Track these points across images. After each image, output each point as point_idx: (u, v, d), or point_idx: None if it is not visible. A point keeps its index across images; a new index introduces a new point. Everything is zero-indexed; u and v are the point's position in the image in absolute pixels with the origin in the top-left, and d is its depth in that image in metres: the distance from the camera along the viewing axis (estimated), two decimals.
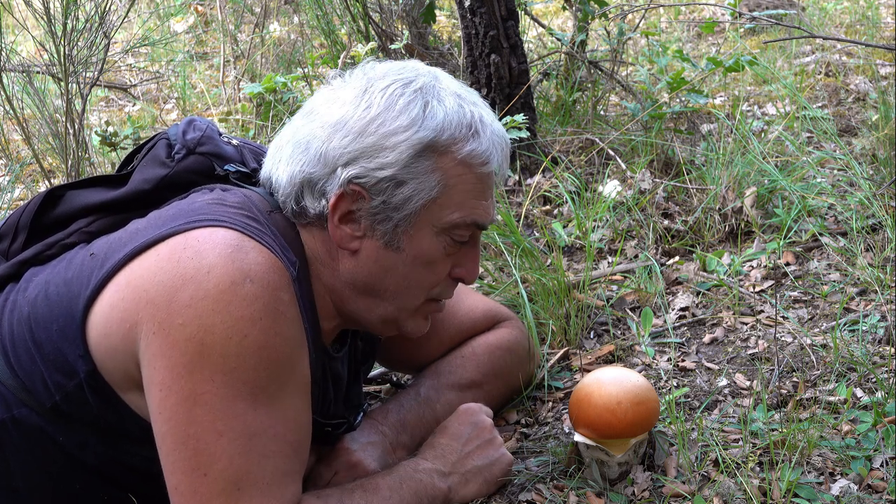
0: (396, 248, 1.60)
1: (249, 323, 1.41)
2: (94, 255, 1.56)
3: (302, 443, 1.53)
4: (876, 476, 1.77)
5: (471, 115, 1.63)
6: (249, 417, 1.43)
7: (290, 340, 1.47)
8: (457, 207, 1.61)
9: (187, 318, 1.40)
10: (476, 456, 1.78)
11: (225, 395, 1.41)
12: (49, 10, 3.25)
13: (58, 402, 1.52)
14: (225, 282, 1.41)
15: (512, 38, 3.25)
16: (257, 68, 4.82)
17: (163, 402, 1.43)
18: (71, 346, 1.50)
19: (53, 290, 1.55)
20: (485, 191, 1.64)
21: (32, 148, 3.48)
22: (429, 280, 1.65)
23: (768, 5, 5.09)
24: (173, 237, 1.47)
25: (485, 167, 1.62)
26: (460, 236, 1.63)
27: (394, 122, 1.57)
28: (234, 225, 1.48)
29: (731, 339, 2.33)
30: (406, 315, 1.68)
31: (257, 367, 1.42)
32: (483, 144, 1.61)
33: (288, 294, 1.47)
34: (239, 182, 1.71)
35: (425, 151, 1.57)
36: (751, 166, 2.87)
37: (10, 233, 1.71)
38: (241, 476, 1.42)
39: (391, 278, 1.62)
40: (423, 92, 1.61)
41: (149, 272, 1.45)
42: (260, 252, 1.45)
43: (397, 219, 1.59)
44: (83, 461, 1.58)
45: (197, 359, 1.40)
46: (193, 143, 1.71)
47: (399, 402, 1.91)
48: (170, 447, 1.44)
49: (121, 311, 1.46)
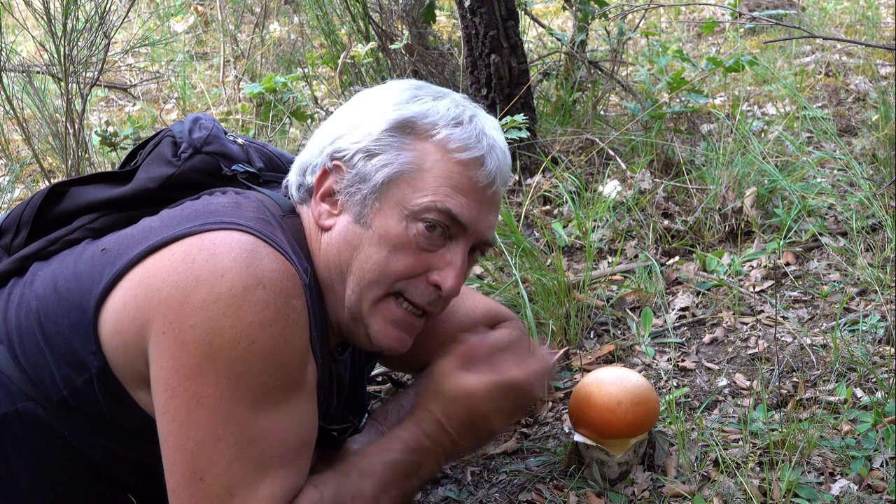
0: (365, 223, 1.58)
1: (259, 329, 1.40)
2: (105, 250, 1.55)
3: (305, 448, 1.51)
4: (876, 476, 1.77)
5: (462, 113, 1.62)
6: (250, 423, 1.42)
7: (298, 348, 1.46)
8: (430, 192, 1.57)
9: (198, 320, 1.40)
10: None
11: (228, 399, 1.41)
12: (49, 10, 3.25)
13: (65, 396, 1.52)
14: (238, 286, 1.40)
15: (512, 38, 3.25)
16: (257, 68, 4.83)
17: (167, 402, 1.43)
18: (82, 341, 1.50)
19: (63, 284, 1.54)
20: (467, 187, 1.59)
21: (32, 148, 3.48)
22: (393, 267, 1.58)
23: (768, 5, 5.09)
24: (189, 238, 1.47)
25: (463, 154, 1.58)
26: (433, 221, 1.57)
27: (380, 104, 1.62)
28: (251, 229, 1.48)
29: (731, 339, 2.33)
30: (368, 307, 1.60)
31: (263, 373, 1.42)
32: (466, 134, 1.60)
33: (300, 301, 1.46)
34: (247, 182, 1.71)
35: (402, 129, 1.59)
36: (751, 166, 2.87)
37: (13, 228, 1.71)
38: (237, 482, 1.42)
39: (357, 257, 1.58)
40: (422, 88, 1.64)
41: (163, 271, 1.45)
42: (275, 258, 1.45)
43: (366, 191, 1.58)
44: (87, 458, 1.58)
45: (203, 361, 1.40)
46: (200, 142, 1.71)
47: (399, 402, 1.90)
48: (171, 448, 1.44)
49: (133, 309, 1.46)
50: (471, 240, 1.63)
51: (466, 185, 1.59)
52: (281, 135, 3.69)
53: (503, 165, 1.64)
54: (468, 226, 1.60)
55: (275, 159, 1.83)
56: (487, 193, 1.62)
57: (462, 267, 1.62)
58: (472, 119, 1.63)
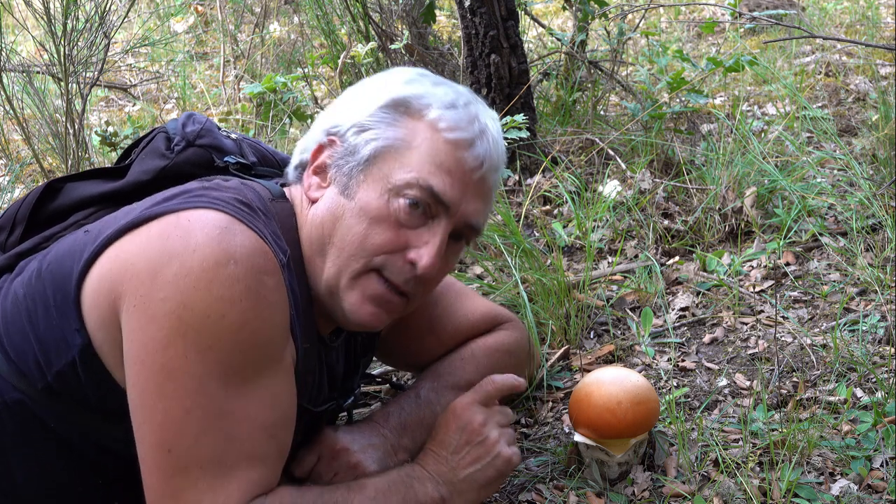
0: (349, 195, 1.59)
1: (229, 304, 1.41)
2: (88, 231, 1.57)
3: (279, 427, 1.51)
4: (876, 476, 1.77)
5: (458, 98, 1.64)
6: (220, 398, 1.42)
7: (270, 325, 1.46)
8: (415, 168, 1.58)
9: (168, 293, 1.40)
10: (468, 465, 1.70)
11: (197, 373, 1.41)
12: (49, 10, 3.25)
13: (49, 382, 1.52)
14: (209, 261, 1.41)
15: (512, 38, 3.25)
16: (257, 68, 4.83)
17: (137, 375, 1.43)
18: (67, 320, 1.50)
19: (46, 268, 1.55)
20: (453, 167, 1.59)
21: (32, 148, 3.48)
22: (372, 240, 1.57)
23: (768, 5, 5.09)
24: (166, 216, 1.48)
25: (452, 134, 1.59)
26: (414, 198, 1.56)
27: (380, 85, 1.66)
28: (226, 209, 1.48)
29: (731, 339, 2.33)
30: (347, 281, 1.59)
31: (233, 348, 1.42)
32: (458, 116, 1.61)
33: (273, 279, 1.46)
34: (238, 173, 1.71)
35: (396, 107, 1.61)
36: (751, 166, 2.87)
37: (9, 225, 1.72)
38: (205, 456, 1.42)
39: (338, 229, 1.59)
40: (425, 75, 1.68)
41: (138, 247, 1.46)
42: (247, 236, 1.45)
43: (353, 163, 1.60)
44: (76, 448, 1.58)
45: (173, 334, 1.40)
46: (193, 135, 1.72)
47: (399, 405, 1.90)
48: (140, 420, 1.45)
49: (108, 283, 1.46)
50: (453, 221, 1.62)
51: (452, 164, 1.60)
52: (281, 135, 3.69)
53: (494, 153, 1.65)
54: (450, 205, 1.59)
55: (268, 156, 1.83)
56: (474, 177, 1.62)
57: (440, 246, 1.60)
58: (466, 104, 1.64)
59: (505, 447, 1.72)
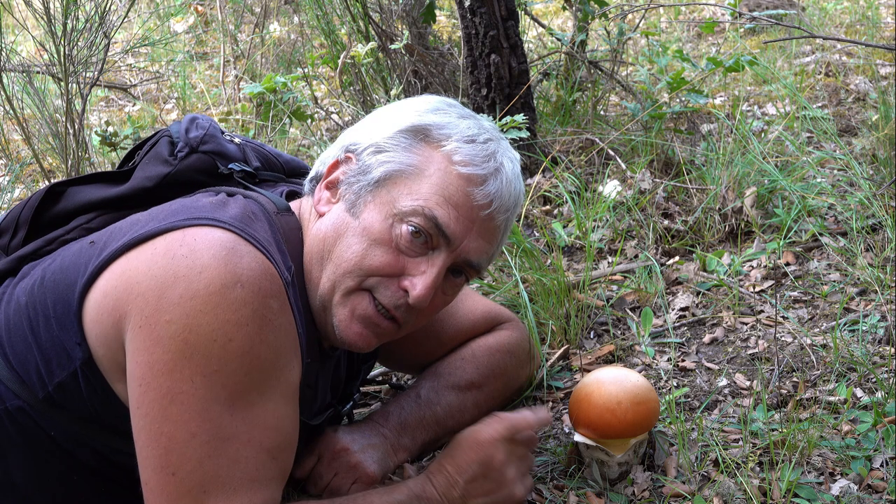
0: (354, 213, 1.59)
1: (235, 327, 1.40)
2: (93, 243, 1.56)
3: (282, 450, 1.50)
4: (876, 476, 1.77)
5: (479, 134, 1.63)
6: (225, 421, 1.42)
7: (275, 348, 1.45)
8: (422, 196, 1.57)
9: (174, 315, 1.40)
10: (479, 495, 1.68)
11: (203, 396, 1.40)
12: (49, 10, 3.25)
13: (50, 392, 1.52)
14: (216, 284, 1.40)
15: (512, 38, 3.25)
16: (257, 68, 4.83)
17: (141, 397, 1.43)
18: (68, 333, 1.50)
19: (50, 277, 1.55)
20: (461, 202, 1.58)
21: (32, 148, 3.48)
22: (369, 261, 1.56)
23: (768, 5, 5.09)
24: (171, 232, 1.47)
25: (465, 168, 1.58)
26: (417, 226, 1.56)
27: (405, 109, 1.66)
28: (233, 227, 1.47)
29: (731, 339, 2.33)
30: (339, 297, 1.59)
31: (238, 371, 1.42)
32: (475, 151, 1.60)
33: (278, 302, 1.46)
34: (242, 181, 1.71)
35: (416, 133, 1.61)
36: (751, 166, 2.87)
37: (11, 228, 1.72)
38: (210, 479, 1.41)
39: (338, 245, 1.58)
40: (453, 106, 1.67)
41: (143, 265, 1.45)
42: (254, 257, 1.44)
43: (363, 182, 1.60)
44: (76, 457, 1.58)
45: (178, 357, 1.40)
46: (196, 141, 1.71)
47: (399, 405, 1.90)
48: (143, 442, 1.44)
49: (112, 300, 1.46)
50: (453, 256, 1.60)
51: (461, 199, 1.58)
52: (281, 135, 3.69)
53: (506, 194, 1.62)
54: (452, 238, 1.58)
55: (272, 159, 1.83)
56: (481, 214, 1.60)
57: (436, 279, 1.58)
58: (486, 141, 1.63)
59: (519, 487, 1.71)
